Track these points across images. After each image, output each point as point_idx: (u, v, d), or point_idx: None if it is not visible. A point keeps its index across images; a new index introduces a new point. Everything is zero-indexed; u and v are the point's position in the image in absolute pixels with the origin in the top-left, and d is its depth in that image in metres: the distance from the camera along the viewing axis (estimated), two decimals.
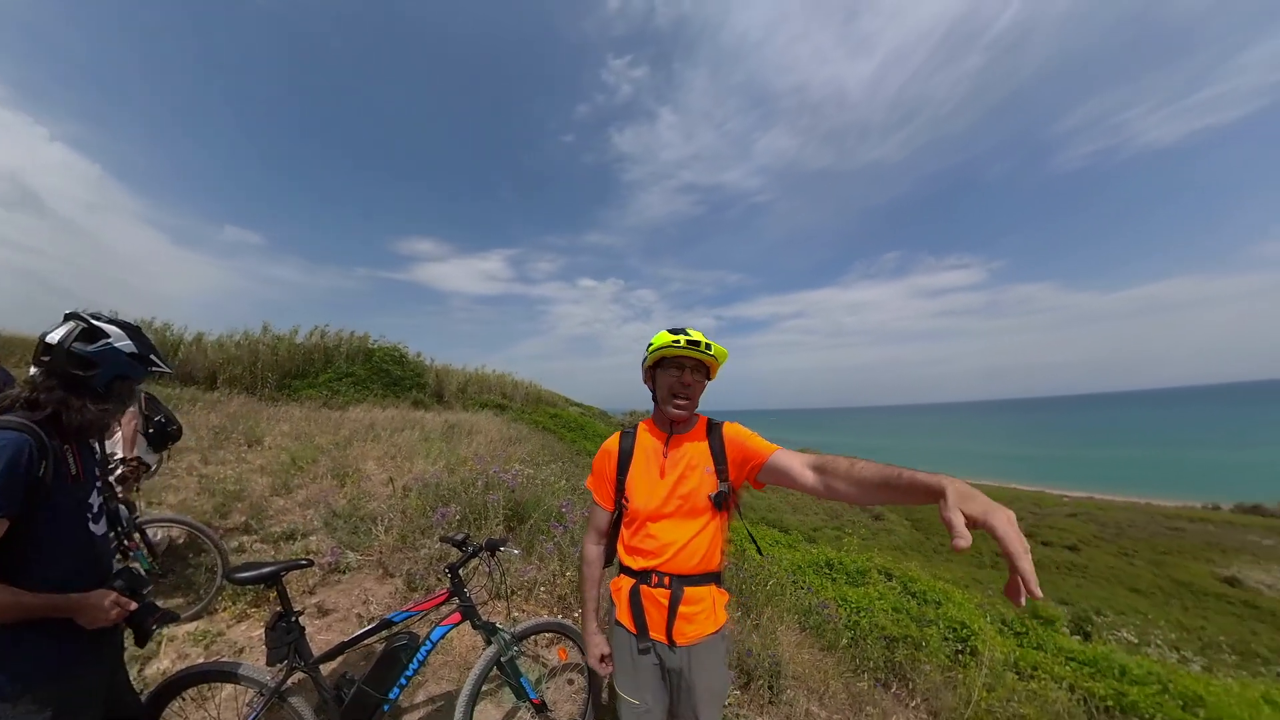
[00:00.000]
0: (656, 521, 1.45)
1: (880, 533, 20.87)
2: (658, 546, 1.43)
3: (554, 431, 11.28)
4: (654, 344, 1.49)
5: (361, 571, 3.32)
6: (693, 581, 1.43)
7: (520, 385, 15.91)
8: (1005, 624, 5.32)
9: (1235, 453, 52.10)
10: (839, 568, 5.15)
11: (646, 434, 1.57)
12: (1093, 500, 28.22)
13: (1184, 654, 11.14)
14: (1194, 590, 15.97)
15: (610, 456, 1.57)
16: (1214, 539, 20.18)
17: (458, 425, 8.30)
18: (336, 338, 11.42)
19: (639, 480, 1.50)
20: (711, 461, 1.47)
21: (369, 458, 5.82)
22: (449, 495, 4.07)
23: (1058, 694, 3.63)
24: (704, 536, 1.44)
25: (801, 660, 3.25)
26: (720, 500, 1.44)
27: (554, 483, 4.83)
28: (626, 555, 1.51)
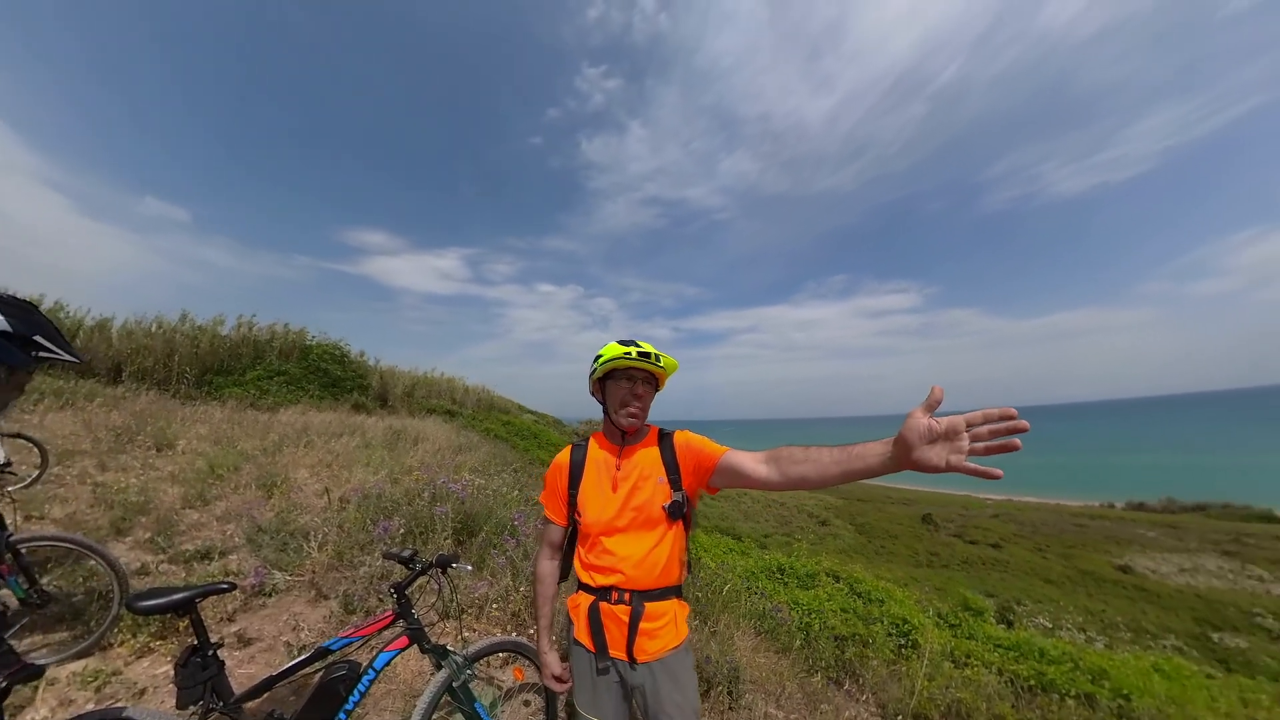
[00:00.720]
0: (611, 536, 1.42)
1: (827, 537, 21.76)
2: (615, 562, 1.40)
3: (506, 440, 10.86)
4: (604, 356, 1.46)
5: (291, 594, 2.97)
6: (654, 597, 1.40)
7: (472, 390, 15.29)
8: (941, 617, 5.65)
9: (1124, 458, 60.81)
10: (790, 572, 5.31)
11: (597, 446, 1.54)
12: (1012, 502, 31.13)
13: (1090, 634, 12.44)
14: (1096, 578, 17.82)
15: (561, 470, 1.54)
16: (1110, 533, 22.60)
17: (403, 431, 7.73)
18: (269, 331, 10.25)
19: (591, 494, 1.47)
20: (664, 471, 1.45)
21: (301, 466, 5.24)
22: (392, 507, 3.76)
23: (988, 678, 3.89)
24: (662, 549, 1.41)
25: (758, 664, 3.28)
26: (675, 510, 1.42)
27: (506, 493, 4.62)
28: (584, 572, 1.47)
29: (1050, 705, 3.69)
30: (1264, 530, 22.54)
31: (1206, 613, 14.89)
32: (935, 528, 24.01)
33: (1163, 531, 22.74)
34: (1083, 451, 74.64)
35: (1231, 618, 14.51)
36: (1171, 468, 48.44)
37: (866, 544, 21.58)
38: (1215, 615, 14.71)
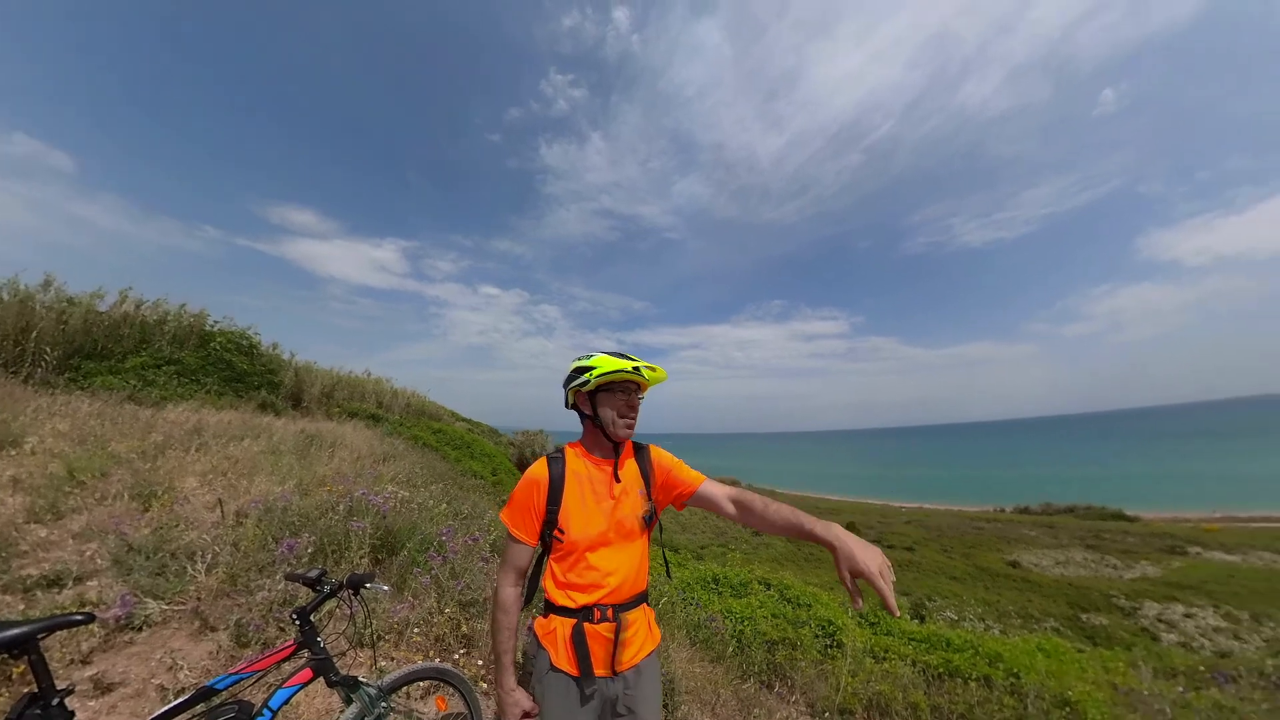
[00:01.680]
0: (596, 551, 1.39)
1: (760, 546, 22.61)
2: (599, 578, 1.37)
3: (436, 448, 10.04)
4: (599, 368, 1.43)
5: (168, 627, 2.51)
6: (629, 606, 1.41)
7: (400, 394, 13.90)
8: (863, 617, 5.99)
9: (1011, 470, 70.43)
10: (724, 582, 5.42)
11: (579, 459, 1.48)
12: (922, 509, 34.45)
13: (988, 623, 13.94)
14: (991, 573, 19.89)
15: (539, 486, 1.41)
16: (1001, 534, 25.42)
17: (318, 436, 6.76)
18: (159, 311, 8.45)
19: (575, 509, 1.40)
20: (641, 482, 1.50)
21: (191, 473, 4.42)
22: (300, 523, 3.31)
23: (904, 669, 4.16)
24: (640, 558, 1.45)
25: (694, 674, 3.28)
26: (650, 520, 1.47)
27: (433, 507, 4.26)
28: (560, 593, 1.39)
29: (956, 689, 4.01)
30: (1117, 527, 26.47)
31: (1076, 597, 17.14)
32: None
33: (1042, 531, 25.91)
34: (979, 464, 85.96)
35: (1095, 600, 16.83)
36: (1048, 477, 56.02)
37: (796, 551, 22.62)
38: (1083, 599, 16.99)
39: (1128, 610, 16.28)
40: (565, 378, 1.52)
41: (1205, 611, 15.71)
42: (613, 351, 1.49)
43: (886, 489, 50.55)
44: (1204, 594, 16.88)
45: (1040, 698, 3.84)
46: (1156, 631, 14.89)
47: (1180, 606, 16.15)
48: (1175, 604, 16.34)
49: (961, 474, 69.81)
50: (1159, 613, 15.94)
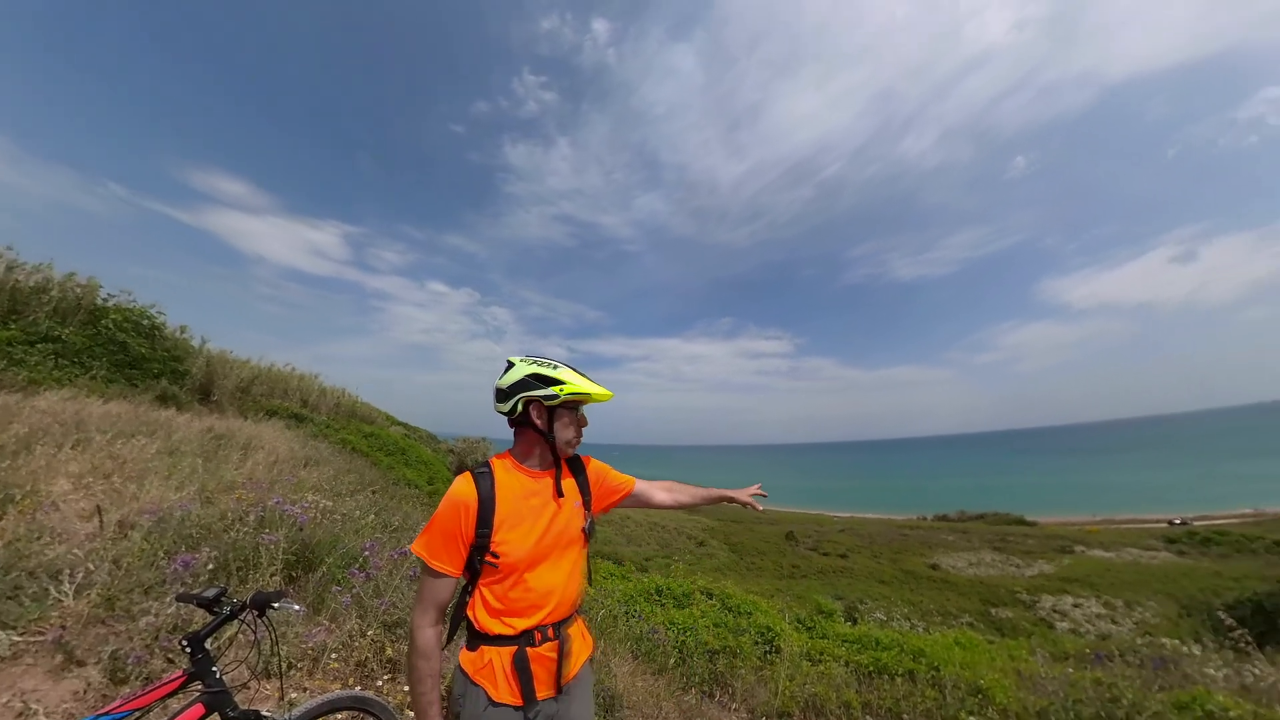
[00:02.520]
0: (535, 569, 1.31)
1: (704, 557, 22.97)
2: (539, 598, 1.30)
3: (367, 454, 9.17)
4: (570, 385, 1.36)
5: (18, 662, 2.09)
6: (571, 621, 1.39)
7: (329, 393, 12.46)
8: (800, 622, 6.18)
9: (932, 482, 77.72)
10: (667, 593, 5.41)
11: (512, 472, 1.37)
12: (855, 518, 36.59)
13: (913, 621, 14.94)
14: (915, 576, 21.30)
15: (467, 509, 1.26)
16: (924, 540, 27.37)
17: (229, 436, 5.91)
18: (39, 278, 7.16)
19: (511, 529, 1.29)
20: (579, 493, 1.48)
21: (62, 474, 3.74)
22: (200, 535, 2.93)
23: (838, 669, 4.32)
24: (578, 571, 1.42)
25: (636, 688, 3.22)
26: (590, 531, 1.45)
27: (359, 518, 3.92)
28: (494, 621, 1.27)
29: (884, 685, 4.21)
30: (1019, 531, 29.33)
31: (987, 594, 18.77)
32: (796, 543, 26.72)
33: (957, 536, 28.17)
34: (905, 477, 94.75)
35: (1002, 596, 18.51)
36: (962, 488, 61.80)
37: (739, 561, 23.15)
38: (992, 595, 18.63)
39: (1028, 603, 18.01)
40: (513, 381, 1.38)
41: (1089, 601, 17.74)
42: (572, 366, 1.45)
43: (822, 500, 53.53)
44: (1088, 586, 19.03)
45: (956, 687, 4.12)
46: (1052, 620, 16.64)
47: (1070, 598, 18.10)
48: (1066, 596, 18.29)
49: (889, 485, 75.53)
50: (1053, 604, 17.78)
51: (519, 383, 1.38)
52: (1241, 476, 47.21)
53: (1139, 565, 21.44)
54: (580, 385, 1.38)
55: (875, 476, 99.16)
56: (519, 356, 1.44)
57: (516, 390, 1.37)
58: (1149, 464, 75.39)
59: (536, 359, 1.43)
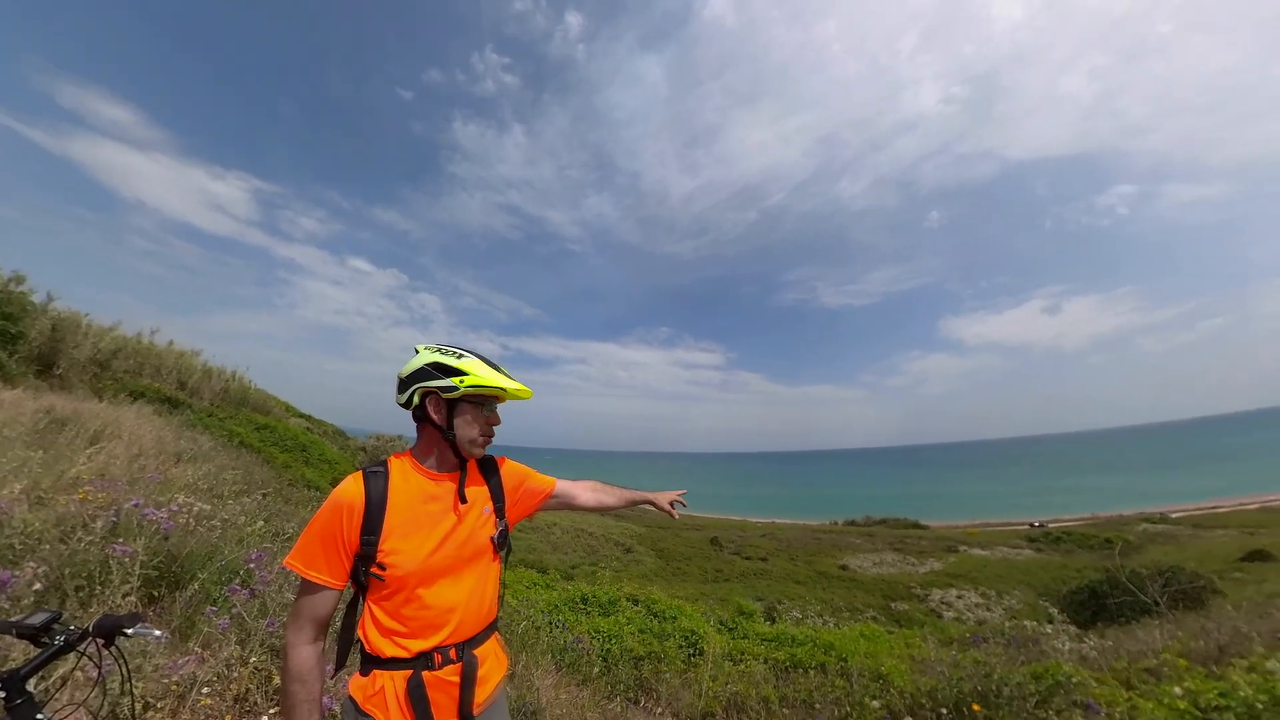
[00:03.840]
0: (432, 584, 1.14)
1: (631, 564, 22.91)
2: (438, 616, 1.14)
3: (259, 450, 7.78)
4: (473, 376, 1.20)
5: None
6: (480, 640, 1.22)
7: (215, 374, 10.40)
8: (722, 623, 6.34)
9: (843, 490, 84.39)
10: (592, 601, 5.32)
11: (410, 474, 1.21)
12: (775, 524, 38.54)
13: (825, 618, 15.94)
14: (827, 576, 22.80)
15: (351, 512, 1.10)
16: (835, 542, 29.42)
17: (76, 421, 4.76)
18: None
19: (402, 537, 1.13)
20: (491, 500, 1.31)
21: None
22: (25, 546, 2.37)
23: (757, 667, 4.47)
24: (488, 585, 1.25)
25: (560, 700, 3.10)
26: (502, 541, 1.30)
27: (245, 524, 3.38)
28: (385, 641, 1.11)
29: (799, 679, 4.43)
30: (915, 533, 32.59)
31: (888, 590, 20.57)
32: (720, 548, 27.52)
33: (864, 539, 30.62)
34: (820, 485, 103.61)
35: (900, 591, 20.39)
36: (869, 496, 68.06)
37: (665, 566, 23.36)
38: (892, 591, 20.46)
39: (921, 597, 20.00)
40: (411, 370, 1.23)
41: (969, 593, 20.10)
42: (482, 356, 1.27)
43: (745, 506, 55.87)
44: (969, 580, 21.51)
45: (861, 675, 4.43)
46: (940, 611, 18.61)
47: (954, 590, 20.35)
48: (951, 589, 20.53)
49: (806, 493, 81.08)
50: (941, 596, 19.89)
51: (417, 372, 1.22)
52: (1081, 488, 56.87)
53: (1007, 561, 24.66)
54: (487, 378, 1.21)
55: (794, 485, 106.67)
56: (428, 345, 1.30)
57: (413, 380, 1.23)
58: (1015, 477, 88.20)
59: (443, 347, 1.26)
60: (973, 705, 3.21)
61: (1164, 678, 3.37)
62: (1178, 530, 27.60)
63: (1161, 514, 31.73)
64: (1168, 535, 26.71)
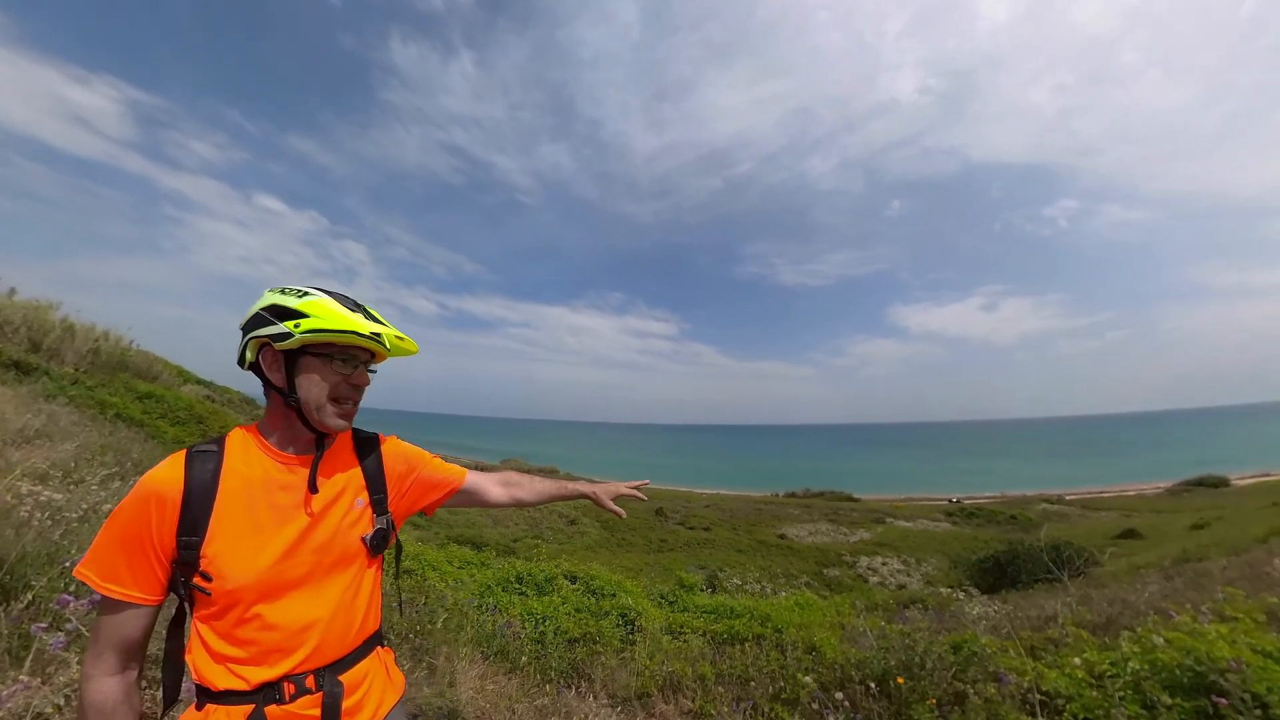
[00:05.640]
0: (276, 599, 0.88)
1: (575, 535, 23.12)
2: (287, 637, 0.88)
3: (142, 423, 6.63)
4: (315, 318, 0.89)
5: None
6: (351, 662, 0.96)
7: (83, 333, 8.54)
8: (662, 597, 6.36)
9: (785, 463, 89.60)
10: (528, 580, 5.09)
11: (254, 455, 0.93)
12: (718, 495, 40.09)
13: (764, 585, 16.77)
14: (767, 545, 24.02)
15: (164, 506, 0.83)
16: (774, 513, 30.97)
17: None
18: None
19: (233, 538, 0.86)
20: (366, 490, 1.02)
21: None
22: None
23: (696, 641, 4.47)
24: (361, 596, 0.98)
25: (486, 692, 2.90)
26: (379, 542, 1.01)
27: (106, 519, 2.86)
28: (218, 669, 0.86)
29: (735, 654, 4.48)
30: (848, 505, 34.93)
31: (821, 558, 21.99)
32: (665, 519, 28.26)
33: (801, 510, 32.42)
34: (763, 458, 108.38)
35: (832, 559, 21.87)
36: (809, 469, 72.32)
37: (610, 538, 23.74)
38: (825, 559, 21.89)
39: (851, 563, 21.57)
40: (247, 318, 0.94)
41: (893, 560, 21.85)
42: (339, 295, 0.96)
43: (690, 478, 57.74)
44: (893, 549, 23.35)
45: (795, 647, 4.54)
46: (866, 576, 20.17)
47: (880, 558, 22.04)
48: (877, 556, 22.22)
49: (750, 466, 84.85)
50: (868, 563, 21.50)
51: (252, 319, 0.92)
52: (994, 469, 63.03)
53: (927, 532, 26.94)
54: (338, 319, 0.90)
55: (739, 458, 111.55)
56: (277, 286, 0.97)
57: (248, 330, 0.93)
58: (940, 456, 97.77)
59: (290, 287, 0.95)
60: (898, 679, 3.31)
61: (1063, 646, 3.63)
62: (1070, 510, 31.16)
63: (1058, 495, 35.76)
64: (1061, 514, 30.13)
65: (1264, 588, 4.80)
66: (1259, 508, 18.81)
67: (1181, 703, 2.44)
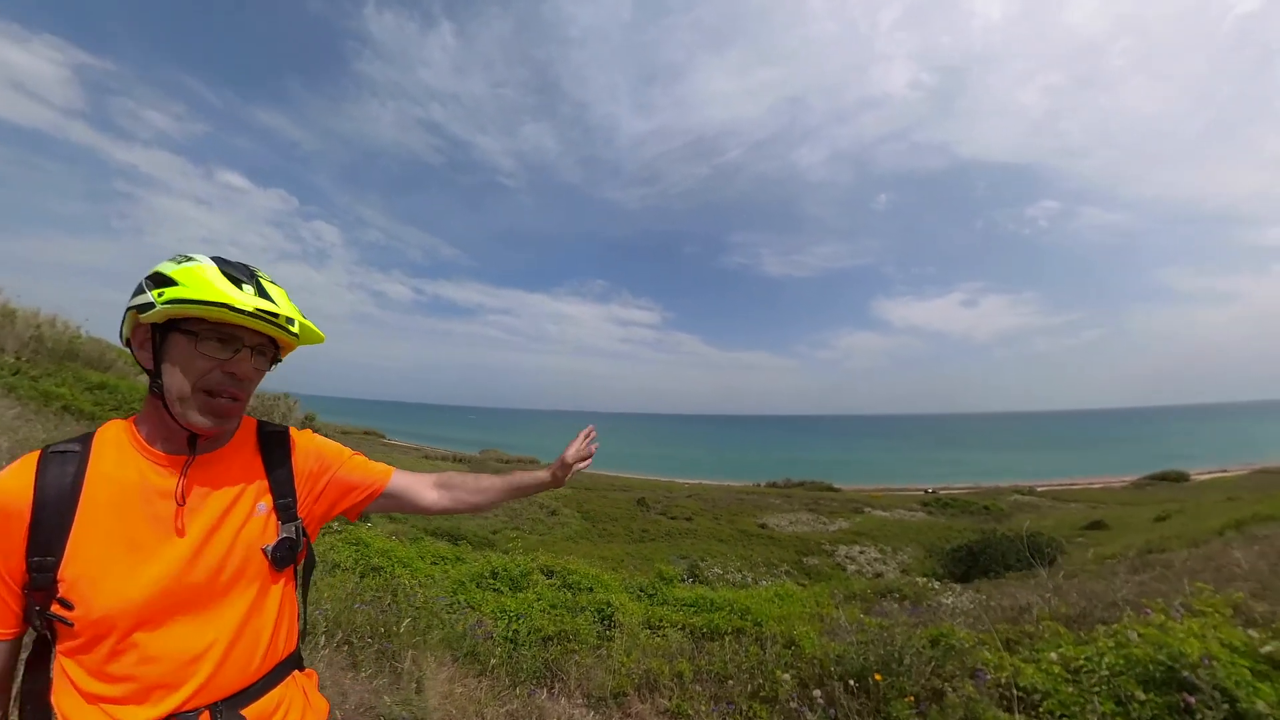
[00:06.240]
0: (157, 625, 0.73)
1: (556, 526, 23.11)
2: (170, 671, 0.73)
3: (95, 416, 6.33)
4: (184, 287, 0.73)
5: None
6: (258, 692, 0.82)
7: (23, 318, 7.89)
8: (642, 590, 6.28)
9: (766, 453, 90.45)
10: (503, 575, 4.94)
11: (125, 455, 0.79)
12: (701, 485, 40.47)
13: (744, 574, 16.99)
14: (748, 534, 24.33)
15: (8, 521, 0.70)
16: (756, 503, 31.38)
17: None
18: None
19: (102, 556, 0.72)
20: (270, 493, 0.88)
21: None
22: None
23: (675, 635, 4.40)
24: (266, 616, 0.84)
25: (455, 696, 2.77)
26: (285, 553, 0.86)
27: None
28: (88, 709, 0.71)
29: (714, 649, 4.43)
30: (828, 495, 35.56)
31: (801, 547, 22.38)
32: (647, 509, 28.40)
33: (782, 500, 32.90)
34: (745, 448, 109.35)
35: (812, 548, 22.27)
36: (790, 460, 73.51)
37: (591, 528, 23.77)
38: (805, 547, 22.28)
39: (830, 552, 22.01)
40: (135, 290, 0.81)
41: (870, 549, 22.38)
42: (234, 265, 0.81)
43: (672, 468, 58.08)
44: (870, 538, 23.89)
45: (775, 642, 4.52)
46: (845, 565, 20.62)
47: (858, 547, 22.55)
48: (855, 546, 22.72)
49: (732, 456, 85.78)
50: (846, 552, 21.98)
51: (135, 291, 0.79)
52: (969, 461, 64.94)
53: (903, 522, 27.60)
54: (208, 288, 0.74)
55: (721, 448, 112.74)
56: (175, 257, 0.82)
57: (131, 298, 0.80)
58: (917, 448, 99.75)
59: (185, 257, 0.79)
60: (876, 675, 3.29)
61: (1038, 640, 3.66)
62: (1040, 501, 32.25)
63: (1030, 487, 36.93)
64: (1032, 505, 31.17)
65: (1224, 579, 4.95)
66: (1215, 502, 19.66)
67: (1155, 698, 2.45)
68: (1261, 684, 2.26)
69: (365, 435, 43.62)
